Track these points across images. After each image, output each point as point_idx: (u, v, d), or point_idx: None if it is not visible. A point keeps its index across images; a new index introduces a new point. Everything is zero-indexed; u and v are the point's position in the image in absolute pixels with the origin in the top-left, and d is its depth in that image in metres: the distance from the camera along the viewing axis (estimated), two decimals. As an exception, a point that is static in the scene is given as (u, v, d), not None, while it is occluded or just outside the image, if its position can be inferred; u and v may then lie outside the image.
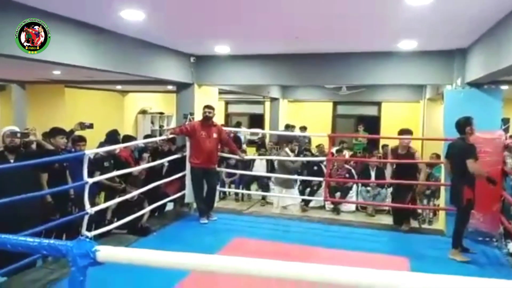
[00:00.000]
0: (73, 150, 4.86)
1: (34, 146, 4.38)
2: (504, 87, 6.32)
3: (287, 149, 6.97)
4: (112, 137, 5.77)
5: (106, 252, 1.37)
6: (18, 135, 3.90)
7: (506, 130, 5.03)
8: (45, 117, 9.54)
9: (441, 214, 6.06)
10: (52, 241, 1.44)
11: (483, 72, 4.75)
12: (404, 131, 5.65)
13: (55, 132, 4.63)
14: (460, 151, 4.44)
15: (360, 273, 1.25)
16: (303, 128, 11.48)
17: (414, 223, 6.10)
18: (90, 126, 4.88)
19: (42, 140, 4.51)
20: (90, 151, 4.52)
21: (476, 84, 5.39)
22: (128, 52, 5.56)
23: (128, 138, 6.15)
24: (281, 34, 5.20)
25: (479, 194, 4.94)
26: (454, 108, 5.45)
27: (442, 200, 5.90)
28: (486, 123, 4.95)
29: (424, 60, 6.03)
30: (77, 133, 5.00)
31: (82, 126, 4.71)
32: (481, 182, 4.86)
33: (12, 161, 3.80)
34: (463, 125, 4.45)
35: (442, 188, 5.85)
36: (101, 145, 5.61)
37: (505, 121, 5.67)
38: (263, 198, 8.61)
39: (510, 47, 3.77)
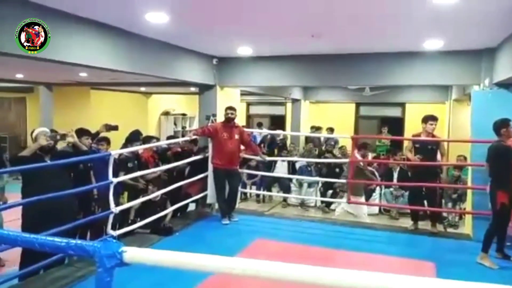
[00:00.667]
0: (97, 150, 4.96)
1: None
2: (535, 88, 6.10)
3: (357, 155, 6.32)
4: (134, 137, 5.86)
5: (132, 253, 1.38)
6: (58, 137, 4.02)
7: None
8: (71, 118, 9.76)
9: (468, 218, 5.89)
10: (79, 241, 1.45)
11: (511, 72, 4.60)
12: (428, 117, 5.58)
13: (80, 132, 4.73)
14: (496, 153, 4.36)
15: (384, 279, 1.21)
16: (330, 130, 11.34)
17: (439, 227, 5.95)
18: (115, 127, 4.97)
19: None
20: (115, 151, 4.61)
21: (505, 85, 5.21)
22: (151, 54, 5.63)
23: (148, 139, 6.22)
24: (303, 33, 5.15)
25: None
26: (481, 109, 5.31)
27: (469, 204, 5.74)
28: (516, 125, 4.78)
29: (451, 60, 5.87)
30: (102, 134, 5.11)
31: (108, 127, 4.81)
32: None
33: (48, 160, 3.91)
34: (499, 126, 4.38)
35: (469, 191, 5.69)
36: (124, 146, 5.70)
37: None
38: (285, 200, 8.58)
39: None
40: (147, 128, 12.20)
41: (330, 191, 8.10)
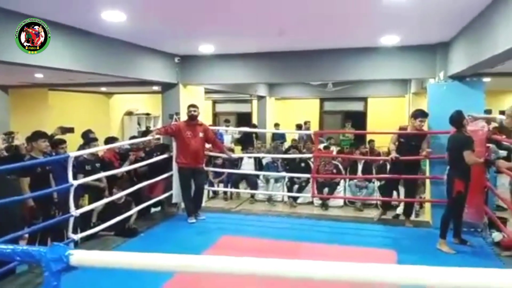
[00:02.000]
0: (53, 154, 4.81)
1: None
2: (486, 79, 6.41)
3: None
4: (87, 138, 5.75)
5: (79, 256, 1.36)
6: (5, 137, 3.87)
7: (488, 122, 5.09)
8: (29, 121, 9.39)
9: (427, 207, 6.13)
10: (25, 247, 1.42)
11: (465, 64, 4.80)
12: (418, 114, 5.45)
13: (37, 135, 4.57)
14: (458, 143, 4.51)
15: (347, 268, 1.24)
16: (303, 126, 11.54)
17: (401, 216, 6.16)
18: (71, 130, 4.84)
19: (23, 145, 4.48)
20: (74, 153, 4.48)
21: (458, 77, 5.44)
22: (111, 54, 5.49)
23: (111, 140, 6.11)
24: (265, 31, 5.19)
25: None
26: (437, 101, 5.52)
27: (428, 193, 5.97)
28: (469, 115, 5.01)
29: (407, 54, 6.07)
30: (58, 137, 4.95)
31: (63, 130, 4.66)
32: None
33: None
34: (458, 118, 4.52)
35: (428, 181, 5.92)
36: (81, 147, 5.56)
37: (487, 112, 5.74)
38: (252, 196, 8.62)
39: (491, 38, 3.81)
40: (110, 129, 11.91)
41: (296, 186, 8.20)
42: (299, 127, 11.49)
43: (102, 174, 5.08)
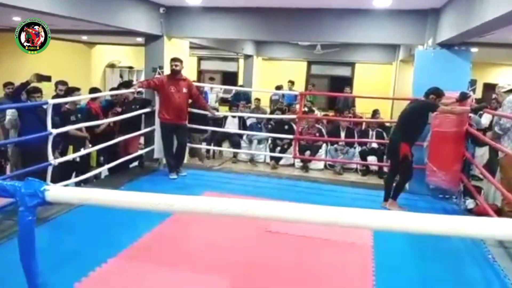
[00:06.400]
0: (28, 102, 4.65)
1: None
2: (474, 50, 6.39)
3: None
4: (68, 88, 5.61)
5: (55, 192, 1.34)
6: None
7: (473, 91, 5.13)
8: (3, 69, 9.01)
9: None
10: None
11: (454, 32, 4.76)
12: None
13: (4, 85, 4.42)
14: (418, 107, 4.61)
15: (324, 211, 1.39)
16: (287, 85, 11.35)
17: (380, 181, 6.29)
18: (48, 78, 4.63)
19: None
20: (53, 100, 4.37)
21: (447, 45, 5.41)
22: (91, -1, 5.22)
23: (95, 91, 5.95)
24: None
25: (442, 154, 5.13)
26: (424, 68, 5.50)
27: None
28: (454, 84, 5.03)
29: (398, 19, 5.97)
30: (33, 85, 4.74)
31: (39, 77, 4.42)
32: (446, 142, 5.04)
33: None
34: (433, 93, 4.57)
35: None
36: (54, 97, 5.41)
37: (472, 82, 5.76)
38: (235, 155, 8.63)
39: (480, 6, 3.76)
40: (91, 81, 11.57)
41: (279, 148, 8.23)
42: (278, 88, 11.31)
43: (85, 124, 5.01)
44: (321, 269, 3.31)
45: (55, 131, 4.09)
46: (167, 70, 6.34)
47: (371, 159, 7.80)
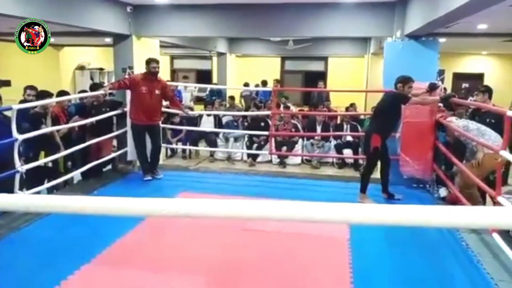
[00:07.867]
0: None
1: None
2: (442, 40, 6.52)
3: None
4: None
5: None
6: None
7: (442, 81, 5.22)
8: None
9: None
10: None
11: (421, 22, 4.83)
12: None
13: None
14: (390, 99, 4.65)
15: (299, 207, 1.30)
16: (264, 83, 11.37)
17: (356, 173, 6.35)
18: (7, 83, 4.44)
19: None
20: (18, 105, 4.20)
21: (414, 36, 5.49)
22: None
23: (62, 94, 5.76)
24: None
25: (414, 144, 5.21)
26: (393, 60, 5.56)
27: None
28: (423, 74, 5.10)
29: (366, 12, 6.03)
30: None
31: None
32: (417, 132, 5.12)
33: None
34: (402, 81, 4.60)
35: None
36: (21, 102, 5.21)
37: (441, 72, 5.87)
38: (211, 154, 8.55)
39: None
40: (61, 84, 11.21)
41: (255, 145, 8.20)
42: (246, 85, 11.30)
43: (50, 129, 4.81)
44: (298, 263, 3.31)
45: (21, 137, 3.94)
46: (137, 70, 6.21)
47: (347, 152, 7.87)
